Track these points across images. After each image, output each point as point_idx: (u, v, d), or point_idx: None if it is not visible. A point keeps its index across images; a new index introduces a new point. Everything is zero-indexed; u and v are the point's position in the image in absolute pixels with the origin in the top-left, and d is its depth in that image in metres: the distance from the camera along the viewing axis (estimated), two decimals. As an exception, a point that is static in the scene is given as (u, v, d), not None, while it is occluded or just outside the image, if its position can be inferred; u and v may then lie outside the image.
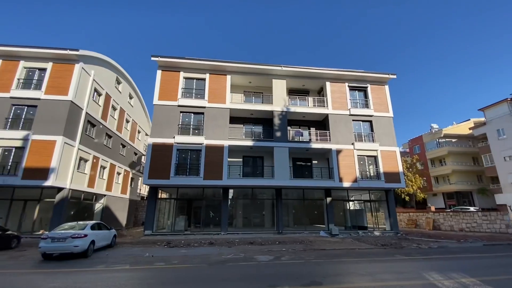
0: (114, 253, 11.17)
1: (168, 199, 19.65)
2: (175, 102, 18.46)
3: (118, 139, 24.30)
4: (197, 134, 18.23)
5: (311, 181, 18.63)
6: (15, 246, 12.56)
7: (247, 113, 19.81)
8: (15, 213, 16.73)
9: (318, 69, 20.18)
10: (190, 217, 18.81)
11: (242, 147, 18.89)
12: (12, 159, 15.92)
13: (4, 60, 17.53)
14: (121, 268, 8.41)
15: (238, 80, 20.43)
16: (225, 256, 10.36)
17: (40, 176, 15.51)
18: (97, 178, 20.57)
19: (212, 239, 15.01)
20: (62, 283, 6.56)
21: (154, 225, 17.08)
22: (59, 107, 16.97)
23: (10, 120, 16.64)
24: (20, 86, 17.31)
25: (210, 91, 19.02)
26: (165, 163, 17.01)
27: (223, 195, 18.17)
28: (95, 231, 11.22)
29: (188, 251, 11.57)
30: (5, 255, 10.62)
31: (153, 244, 13.60)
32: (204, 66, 19.23)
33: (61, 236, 9.79)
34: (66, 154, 16.84)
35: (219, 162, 17.57)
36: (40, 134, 16.22)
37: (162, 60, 18.57)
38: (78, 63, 18.12)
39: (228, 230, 17.63)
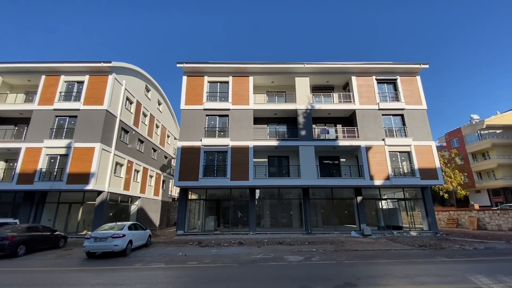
0: (150, 252, 11.76)
1: (198, 200, 20.24)
2: (201, 106, 18.98)
3: (149, 144, 25.57)
4: (223, 136, 18.58)
5: (340, 180, 18.06)
6: (63, 245, 13.74)
7: (270, 113, 19.77)
8: (61, 215, 18.32)
9: (342, 64, 19.55)
10: (219, 217, 19.21)
11: (267, 147, 18.89)
12: (57, 166, 17.44)
13: (47, 76, 19.27)
14: (157, 266, 8.82)
15: (261, 81, 20.47)
16: (254, 256, 10.42)
17: (82, 180, 16.81)
18: (132, 181, 21.82)
19: (241, 239, 15.18)
20: (105, 280, 7.04)
21: (185, 225, 17.69)
22: (96, 116, 18.27)
23: (55, 130, 18.25)
24: (61, 99, 18.91)
25: (233, 93, 19.29)
26: (194, 165, 17.56)
27: (250, 195, 18.31)
28: (132, 231, 11.89)
29: (218, 251, 11.82)
30: (54, 254, 11.66)
31: (185, 244, 14.09)
32: (227, 69, 19.55)
33: (103, 236, 10.52)
34: (104, 159, 18.08)
35: (244, 162, 17.74)
36: (80, 142, 17.59)
37: (187, 66, 19.21)
38: (111, 74, 19.37)
39: (257, 230, 17.72)
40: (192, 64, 19.20)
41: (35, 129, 17.98)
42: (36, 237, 12.06)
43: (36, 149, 17.47)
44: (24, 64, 18.98)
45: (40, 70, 19.31)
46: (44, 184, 16.68)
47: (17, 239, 10.89)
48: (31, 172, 16.94)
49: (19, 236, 11.08)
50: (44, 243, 12.57)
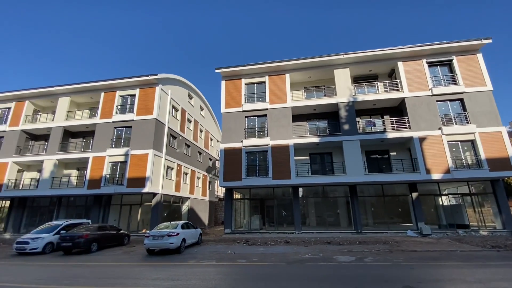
0: (202, 250, 12.42)
1: (242, 199, 20.75)
2: (240, 108, 19.42)
3: (195, 148, 27.10)
4: (262, 136, 18.72)
5: (391, 175, 16.72)
6: (127, 243, 15.35)
7: (309, 109, 19.28)
8: (124, 215, 20.50)
9: (386, 50, 18.09)
10: (263, 216, 19.41)
11: (308, 145, 18.45)
12: (118, 172, 19.56)
13: (105, 92, 21.75)
14: (209, 263, 9.28)
15: (298, 77, 20.10)
16: (302, 255, 10.26)
17: (139, 184, 18.57)
18: (181, 183, 23.38)
19: (287, 238, 15.10)
20: (164, 275, 7.65)
21: (232, 224, 18.28)
22: (148, 125, 20.00)
23: (114, 140, 20.50)
24: (118, 112, 21.14)
25: (270, 93, 19.31)
26: (236, 165, 18.04)
27: (293, 194, 18.10)
28: (185, 230, 12.71)
29: (265, 250, 11.93)
30: (120, 250, 13.09)
31: (233, 242, 14.55)
32: (262, 69, 19.66)
33: (159, 235, 11.46)
34: (156, 164, 19.70)
35: (285, 161, 17.61)
36: (136, 149, 19.44)
37: (225, 70, 19.83)
38: (158, 86, 21.01)
39: (302, 229, 17.44)
40: (229, 69, 19.76)
41: (99, 140, 20.45)
42: (105, 235, 13.71)
43: (101, 158, 19.85)
44: (87, 84, 21.69)
45: (99, 88, 21.90)
46: (109, 188, 18.85)
47: (90, 237, 12.51)
48: (98, 178, 19.30)
49: (91, 235, 12.72)
50: (111, 240, 14.22)
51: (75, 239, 12.16)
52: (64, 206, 21.45)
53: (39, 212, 21.84)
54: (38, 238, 12.81)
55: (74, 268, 9.15)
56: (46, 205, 21.81)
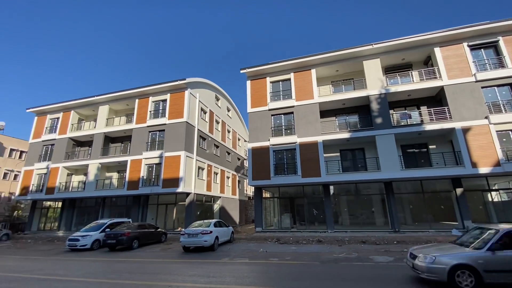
0: (234, 248, 12.68)
1: (272, 198, 20.77)
2: (266, 107, 19.44)
3: (223, 148, 27.71)
4: (289, 134, 18.53)
5: (430, 170, 15.57)
6: (164, 240, 16.19)
7: (338, 104, 18.66)
8: (160, 214, 21.66)
9: (421, 36, 16.83)
10: (294, 215, 19.23)
11: (338, 141, 17.88)
12: (154, 173, 20.69)
13: (139, 99, 23.11)
14: (242, 261, 9.44)
15: (324, 72, 19.56)
16: (336, 255, 10.00)
17: (173, 184, 19.47)
18: (212, 183, 24.07)
19: (320, 237, 14.81)
20: (199, 271, 7.94)
21: (263, 222, 18.39)
22: (179, 128, 20.88)
23: (149, 143, 21.72)
24: (151, 117, 22.35)
25: (296, 89, 19.04)
26: (265, 164, 18.10)
27: (324, 192, 17.68)
28: (217, 228, 13.06)
29: (297, 248, 11.83)
30: (158, 248, 13.85)
31: (265, 240, 14.63)
32: (287, 66, 19.45)
33: (194, 233, 11.92)
34: (188, 165, 20.50)
35: (314, 159, 17.26)
36: (169, 152, 20.40)
37: (250, 70, 19.98)
38: (187, 90, 21.82)
39: (335, 228, 16.98)
40: (253, 68, 19.86)
41: (135, 144, 21.81)
42: (144, 233, 14.61)
43: (138, 161, 21.16)
44: (123, 92, 23.23)
45: (134, 95, 23.33)
46: (146, 189, 20.03)
47: (131, 235, 13.41)
48: (136, 179, 20.60)
49: (133, 233, 13.62)
50: (150, 238, 15.10)
51: (118, 236, 13.13)
52: (107, 206, 23.25)
53: (86, 211, 23.93)
54: (87, 235, 14.05)
55: (118, 264, 9.88)
56: (92, 205, 23.82)
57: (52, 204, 25.60)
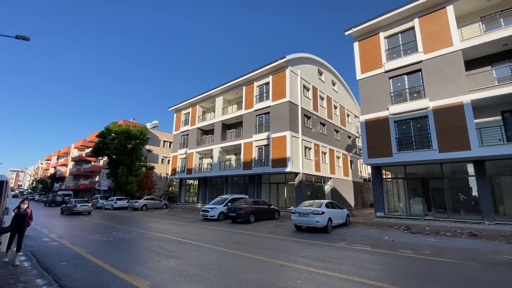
0: (351, 232, 11.33)
1: (394, 179, 17.49)
2: (381, 69, 16.10)
3: (331, 126, 25.73)
4: (417, 98, 14.62)
5: None
6: (278, 217, 16.68)
7: (495, 46, 12.99)
8: (273, 193, 22.61)
9: None
10: (428, 200, 15.40)
11: (498, 99, 12.56)
12: (264, 154, 21.64)
13: (246, 86, 24.49)
14: (362, 248, 8.10)
15: (468, 5, 14.01)
16: (507, 256, 6.95)
17: (281, 164, 19.70)
18: (321, 163, 22.90)
19: (472, 229, 11.07)
20: (313, 253, 7.27)
21: (384, 207, 15.76)
22: (282, 108, 20.73)
23: (257, 126, 22.79)
24: (257, 101, 23.25)
25: (424, 38, 14.62)
26: (383, 139, 15.21)
27: (476, 171, 13.04)
28: (330, 209, 12.02)
29: (439, 241, 9.16)
30: (272, 224, 14.28)
31: (389, 228, 12.38)
32: (408, 12, 15.15)
33: (304, 212, 11.40)
34: (294, 145, 20.15)
35: (459, 126, 12.88)
36: (275, 133, 20.70)
37: (356, 29, 17.00)
38: (287, 68, 21.19)
39: (495, 219, 12.32)
40: (362, 26, 16.72)
41: (246, 128, 23.45)
42: (259, 209, 15.46)
43: (249, 143, 22.70)
44: (231, 82, 25.25)
45: (240, 83, 24.95)
46: (258, 169, 21.27)
47: (248, 210, 14.43)
48: (249, 160, 22.22)
49: (249, 208, 14.63)
50: (265, 214, 15.88)
51: (238, 210, 14.43)
52: (229, 184, 26.52)
53: (215, 188, 28.25)
54: (214, 208, 16.27)
55: (237, 235, 10.68)
56: (219, 183, 27.83)
57: (192, 182, 31.85)
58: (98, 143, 31.84)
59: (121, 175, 30.23)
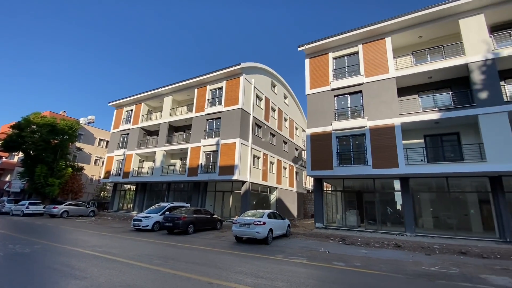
0: (290, 243, 11.23)
1: (334, 191, 18.45)
2: (328, 87, 17.07)
3: (280, 137, 26.29)
4: (357, 117, 15.82)
5: None
6: (220, 227, 15.86)
7: (422, 77, 14.96)
8: (218, 201, 21.73)
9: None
10: (361, 212, 16.55)
11: (422, 124, 14.36)
12: (211, 160, 20.76)
13: (198, 88, 23.50)
14: (298, 261, 7.91)
15: (403, 39, 15.96)
16: (426, 267, 7.52)
17: (229, 172, 19.09)
18: (268, 173, 23.02)
19: (397, 241, 12.06)
20: (248, 268, 6.76)
21: (323, 218, 16.36)
22: (234, 115, 20.34)
23: (207, 131, 21.87)
24: (209, 105, 22.44)
25: (366, 64, 16.06)
26: (326, 153, 15.93)
27: (402, 187, 14.51)
28: (272, 219, 11.79)
29: (369, 252, 9.62)
30: (212, 235, 13.42)
31: (326, 239, 12.73)
32: (354, 37, 16.55)
33: (246, 222, 10.92)
34: (244, 153, 19.83)
35: (390, 146, 14.24)
36: (225, 139, 20.09)
37: (309, 47, 17.81)
38: (242, 75, 21.04)
39: (416, 231, 13.79)
40: (313, 44, 17.60)
41: (195, 132, 22.29)
42: (200, 219, 14.44)
43: (197, 148, 21.56)
44: (183, 82, 23.96)
45: (193, 85, 23.85)
46: (204, 175, 20.23)
47: (187, 220, 13.30)
48: (196, 166, 21.03)
49: (188, 217, 13.51)
50: (206, 224, 14.90)
51: (175, 220, 13.17)
52: (172, 191, 24.68)
53: (155, 195, 25.95)
54: (149, 217, 14.64)
55: (169, 248, 9.57)
56: (160, 189, 25.68)
57: (129, 187, 28.71)
58: (12, 135, 26.45)
59: (39, 175, 25.47)
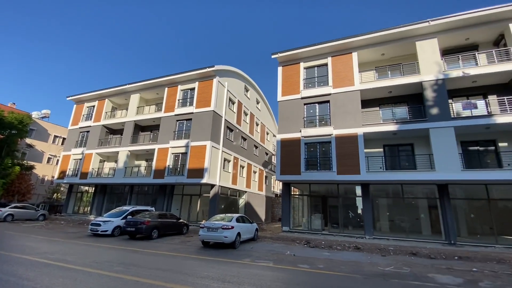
0: (258, 247, 11.31)
1: (301, 195, 19.03)
2: (298, 95, 17.68)
3: (251, 141, 26.47)
4: (324, 125, 16.60)
5: (500, 172, 12.61)
6: (185, 232, 15.40)
7: (383, 92, 16.23)
8: (185, 205, 21.10)
9: (492, 9, 13.76)
10: (326, 216, 17.28)
11: (382, 134, 15.53)
12: (180, 163, 20.14)
13: (168, 88, 22.77)
14: (265, 265, 8.01)
15: (367, 55, 17.20)
16: (382, 267, 8.09)
17: (198, 175, 18.69)
18: (238, 176, 22.97)
19: (357, 243, 12.80)
20: (214, 273, 6.67)
21: (290, 222, 16.77)
22: (206, 117, 20.04)
23: (176, 132, 21.23)
24: (180, 105, 21.85)
25: (334, 75, 16.98)
26: (295, 158, 16.43)
27: (363, 193, 15.49)
28: (240, 223, 11.80)
29: (331, 255, 10.07)
30: (178, 239, 12.99)
31: (293, 242, 13.04)
32: (324, 50, 17.44)
33: (214, 226, 10.78)
34: (214, 156, 19.58)
35: (353, 154, 15.15)
36: (195, 141, 19.66)
37: (282, 55, 18.34)
38: (215, 78, 20.87)
39: (374, 234, 14.76)
40: (286, 53, 18.17)
41: (163, 132, 21.48)
42: (165, 223, 13.89)
43: (165, 149, 20.78)
44: (153, 80, 23.06)
45: (163, 83, 23.06)
46: (171, 178, 19.54)
47: (151, 224, 12.72)
48: (162, 168, 20.23)
49: (152, 222, 12.93)
50: (171, 229, 14.37)
51: (138, 224, 12.51)
52: (135, 194, 23.39)
53: (116, 198, 24.36)
54: (108, 221, 13.71)
55: (131, 254, 9.06)
56: (122, 192, 24.18)
57: (86, 189, 26.59)
58: None
59: (-21, 173, 22.54)
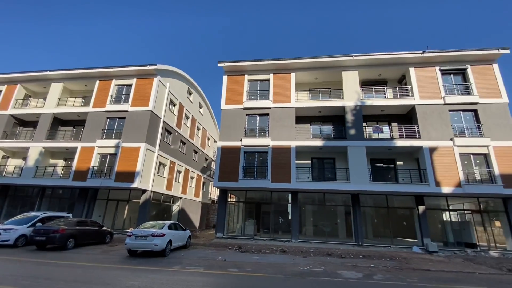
0: (189, 254, 11.21)
1: (237, 202, 19.57)
2: (241, 105, 18.42)
3: (191, 146, 25.93)
4: (263, 136, 17.69)
5: (397, 185, 15.69)
6: (109, 241, 14.05)
7: (314, 111, 18.31)
8: (110, 212, 19.19)
9: (398, 54, 17.28)
10: (259, 222, 18.19)
11: (311, 148, 17.44)
12: (107, 164, 18.33)
13: (101, 81, 20.66)
14: (195, 271, 8.10)
15: (303, 77, 19.19)
16: (301, 267, 9.12)
17: (128, 179, 17.34)
18: (174, 182, 22.13)
19: (284, 247, 13.92)
20: (140, 282, 6.47)
21: (224, 228, 17.06)
22: (142, 117, 18.87)
23: (106, 130, 19.31)
24: (112, 101, 20.02)
25: (274, 91, 18.35)
26: (234, 165, 16.94)
27: (292, 200, 16.99)
28: (172, 231, 11.50)
29: (260, 258, 10.76)
30: (100, 249, 11.81)
31: (225, 248, 13.34)
32: (267, 66, 18.74)
33: (143, 234, 10.25)
34: (148, 159, 18.51)
35: (286, 164, 16.56)
36: (127, 142, 18.25)
37: (228, 65, 18.88)
38: (156, 77, 19.96)
39: (299, 238, 16.27)
40: (232, 63, 18.81)
41: (89, 130, 19.26)
42: (84, 232, 12.45)
43: (90, 149, 18.63)
44: (82, 70, 20.61)
45: (95, 75, 20.82)
46: (95, 181, 17.60)
47: (67, 233, 11.25)
48: (85, 169, 18.05)
49: (69, 230, 11.45)
50: (92, 237, 12.93)
51: (50, 233, 10.91)
52: (47, 198, 20.09)
53: (21, 202, 20.44)
54: (11, 229, 11.56)
55: (41, 267, 7.92)
56: (29, 195, 20.46)
57: (-24, 191, 21.49)
58: None
59: None
